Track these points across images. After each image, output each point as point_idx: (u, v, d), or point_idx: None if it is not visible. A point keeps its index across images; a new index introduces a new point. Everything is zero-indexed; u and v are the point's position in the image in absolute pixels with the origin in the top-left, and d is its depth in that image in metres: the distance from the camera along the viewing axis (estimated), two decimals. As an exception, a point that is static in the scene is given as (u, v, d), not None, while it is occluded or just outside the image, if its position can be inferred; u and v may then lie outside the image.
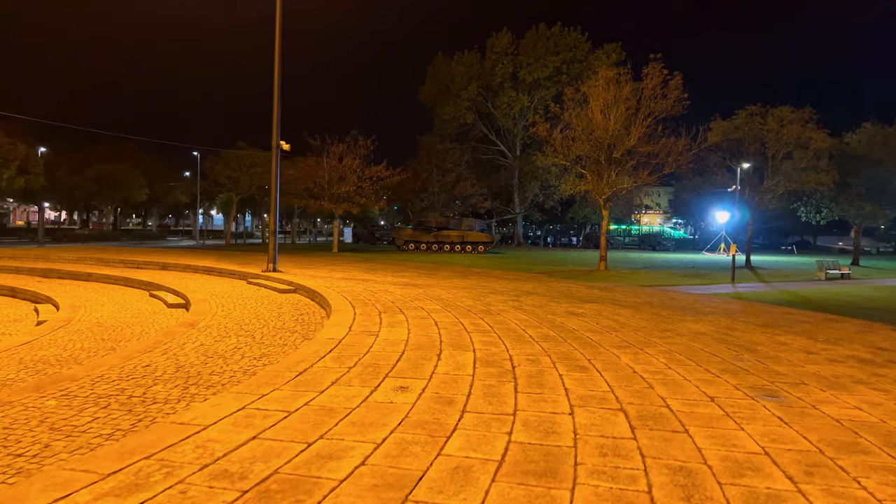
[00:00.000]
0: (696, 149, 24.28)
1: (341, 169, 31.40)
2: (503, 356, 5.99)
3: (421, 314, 8.74)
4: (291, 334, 8.13)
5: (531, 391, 4.70)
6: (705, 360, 6.20)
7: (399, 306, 9.56)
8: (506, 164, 56.95)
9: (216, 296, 12.01)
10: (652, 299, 12.63)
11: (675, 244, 62.39)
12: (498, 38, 52.82)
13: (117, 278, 15.64)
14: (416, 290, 12.27)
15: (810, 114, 27.94)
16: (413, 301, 10.36)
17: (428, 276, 16.37)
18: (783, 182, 28.34)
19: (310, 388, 4.53)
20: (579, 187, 25.48)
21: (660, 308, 10.97)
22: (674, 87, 24.00)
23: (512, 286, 14.38)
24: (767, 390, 5.05)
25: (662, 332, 7.98)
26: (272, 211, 15.88)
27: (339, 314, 8.33)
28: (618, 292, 14.01)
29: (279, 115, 15.39)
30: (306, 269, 17.59)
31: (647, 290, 15.68)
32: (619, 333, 7.75)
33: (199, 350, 6.87)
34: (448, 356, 5.88)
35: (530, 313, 9.38)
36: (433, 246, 37.93)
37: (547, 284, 15.44)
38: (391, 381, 4.84)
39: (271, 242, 15.78)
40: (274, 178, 15.56)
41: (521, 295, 12.31)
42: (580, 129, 24.74)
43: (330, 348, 6.00)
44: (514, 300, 11.23)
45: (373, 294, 11.25)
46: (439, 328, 7.54)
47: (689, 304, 12.08)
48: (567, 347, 6.61)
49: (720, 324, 9.08)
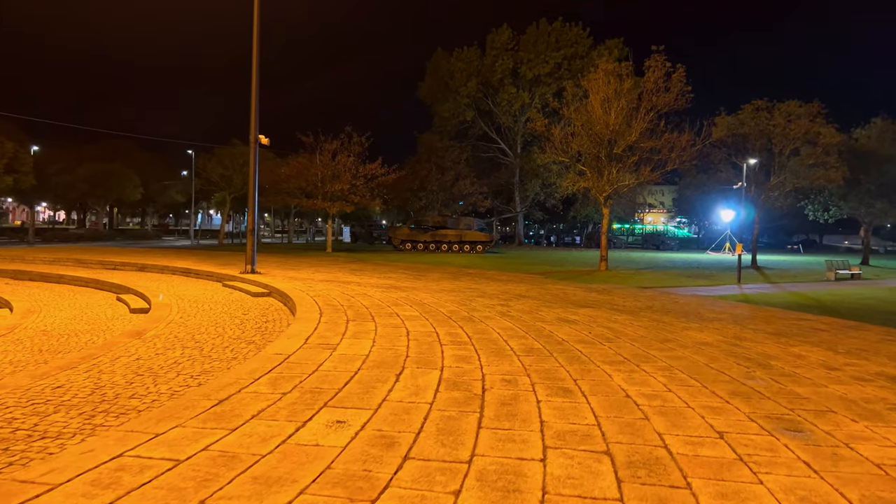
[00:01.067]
0: (700, 144, 23.33)
1: (335, 167, 30.53)
2: (475, 376, 5.11)
3: (394, 322, 7.87)
4: (246, 345, 7.27)
5: (498, 426, 3.82)
6: (712, 379, 5.32)
7: (373, 313, 8.69)
8: (506, 162, 56.00)
9: (182, 300, 11.17)
10: (653, 303, 11.74)
11: (678, 243, 61.32)
12: (498, 33, 51.88)
13: (88, 280, 14.82)
14: (398, 294, 11.40)
15: (819, 108, 26.96)
16: (390, 306, 9.50)
17: (416, 278, 15.50)
18: (790, 179, 27.34)
19: (222, 423, 3.66)
20: (579, 184, 24.56)
21: (661, 313, 10.08)
22: (677, 80, 23.05)
23: (503, 289, 13.50)
24: (788, 421, 4.16)
25: (663, 343, 7.09)
26: (250, 209, 15.03)
27: (301, 323, 7.47)
28: (616, 295, 13.12)
29: (257, 108, 14.52)
30: (289, 270, 16.74)
31: (647, 292, 14.78)
32: (614, 345, 6.87)
33: (131, 366, 6.01)
34: (409, 377, 5.00)
35: (517, 320, 8.50)
36: (430, 245, 37.04)
37: (541, 287, 14.55)
38: (328, 413, 3.97)
39: (249, 243, 14.93)
40: (252, 174, 14.71)
41: (512, 299, 11.42)
42: (580, 125, 23.83)
43: (272, 367, 5.14)
44: (502, 305, 10.35)
45: (349, 298, 10.38)
46: (409, 340, 6.67)
47: (693, 308, 11.18)
48: (552, 364, 5.73)
49: (727, 332, 8.19)
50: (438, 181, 46.67)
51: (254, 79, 14.35)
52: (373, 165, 31.79)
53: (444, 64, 53.16)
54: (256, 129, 14.57)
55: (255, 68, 14.35)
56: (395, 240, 38.18)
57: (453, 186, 47.31)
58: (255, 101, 14.50)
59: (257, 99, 14.54)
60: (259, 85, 14.44)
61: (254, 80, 14.35)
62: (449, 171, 47.20)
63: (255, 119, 14.54)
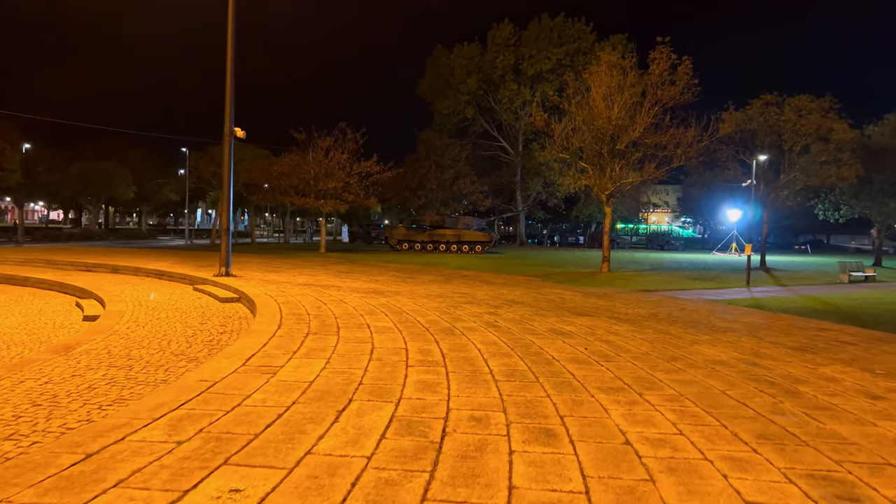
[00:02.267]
0: (706, 140, 22.24)
1: (328, 164, 29.52)
2: (437, 412, 4.11)
3: (360, 336, 6.87)
4: (186, 363, 6.28)
5: (451, 497, 2.82)
6: (731, 414, 4.31)
7: (341, 324, 7.69)
8: (508, 160, 54.92)
9: (140, 306, 10.19)
10: (658, 310, 10.71)
11: (683, 244, 60.17)
12: (499, 29, 50.79)
13: (53, 283, 13.87)
14: (378, 300, 10.40)
15: (831, 102, 25.82)
16: (364, 315, 8.50)
17: (403, 281, 14.50)
18: (801, 177, 26.22)
19: (67, 496, 2.67)
20: (580, 182, 23.50)
21: (667, 323, 9.05)
22: (683, 72, 21.97)
23: (496, 293, 12.48)
24: (839, 484, 3.15)
25: (670, 363, 6.08)
26: (223, 206, 14.04)
27: (251, 337, 6.48)
28: (618, 301, 12.09)
29: (232, 98, 13.53)
30: (269, 272, 15.76)
31: (652, 296, 13.74)
32: (613, 365, 5.86)
33: (34, 392, 5.02)
34: (353, 414, 4.00)
35: (504, 333, 7.49)
36: (428, 245, 36.00)
37: (537, 291, 13.53)
38: (224, 475, 2.97)
39: (223, 243, 13.94)
40: (226, 168, 13.74)
41: (503, 305, 10.41)
42: (580, 120, 22.76)
43: (185, 399, 4.15)
44: (490, 313, 9.34)
45: (320, 306, 9.39)
46: (371, 360, 5.68)
47: (702, 315, 10.16)
48: (536, 392, 4.73)
49: (743, 347, 7.17)
50: (438, 180, 45.66)
51: (228, 68, 13.36)
52: (367, 163, 30.77)
53: (444, 60, 52.13)
54: (231, 121, 13.59)
55: (230, 53, 13.35)
56: (391, 240, 37.16)
57: (453, 185, 46.30)
58: (229, 93, 13.51)
59: (233, 90, 13.54)
60: (234, 75, 13.45)
61: (228, 68, 13.37)
62: (448, 169, 46.18)
63: (229, 111, 13.55)
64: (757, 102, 27.06)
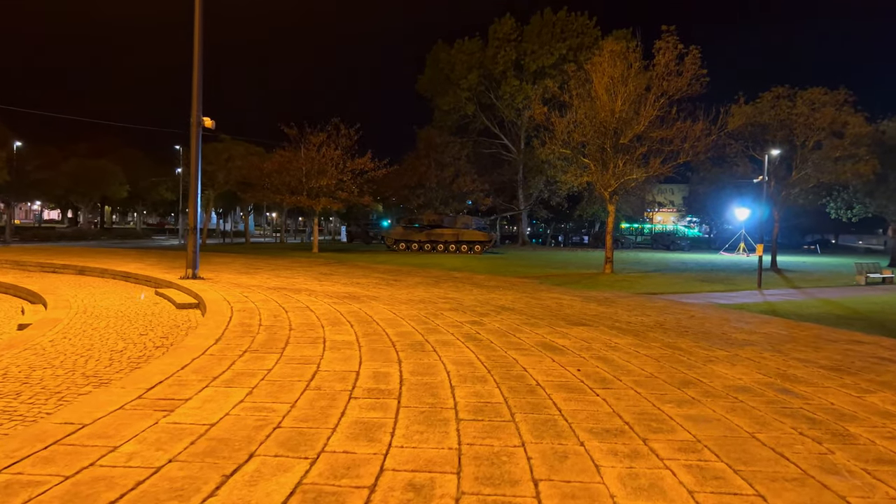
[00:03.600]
0: (715, 133, 21.06)
1: (320, 160, 28.41)
2: (364, 476, 2.98)
3: (308, 354, 5.75)
4: (96, 388, 5.17)
5: None
6: (769, 474, 3.17)
7: (293, 337, 6.58)
8: (509, 158, 53.73)
9: (85, 312, 9.10)
10: (664, 318, 9.56)
11: (689, 244, 58.84)
12: (500, 23, 49.61)
13: (8, 286, 12.83)
14: (351, 307, 9.29)
15: (846, 95, 24.58)
16: (325, 326, 7.39)
17: (387, 285, 13.37)
18: (815, 174, 24.99)
19: None
20: (581, 178, 22.34)
21: (675, 334, 7.91)
22: (690, 62, 20.79)
23: (485, 298, 11.35)
24: None
25: (681, 389, 4.94)
26: (191, 203, 12.93)
27: (176, 354, 5.37)
28: (620, 307, 10.94)
29: (200, 83, 12.39)
30: (245, 274, 14.66)
31: (657, 301, 12.59)
32: (611, 393, 4.72)
33: None
34: (243, 482, 2.88)
35: (484, 348, 6.36)
36: (426, 245, 34.84)
37: (532, 295, 12.38)
38: None
39: (190, 243, 12.80)
40: (194, 162, 12.61)
41: (490, 313, 9.28)
42: (582, 113, 21.60)
43: (19, 457, 3.03)
44: (474, 322, 8.21)
45: (280, 314, 8.28)
46: (309, 388, 4.56)
47: (715, 324, 9.00)
48: (506, 439, 3.59)
49: (768, 366, 6.02)
50: (437, 178, 44.53)
51: (196, 45, 12.20)
52: (362, 160, 29.66)
53: (445, 56, 51.02)
54: (199, 110, 12.46)
55: (198, 30, 12.20)
56: (388, 239, 36.03)
57: (453, 183, 45.16)
58: (197, 76, 12.37)
59: (200, 74, 12.40)
60: (202, 57, 12.32)
61: (196, 45, 12.20)
62: (448, 167, 45.05)
63: (197, 98, 12.41)
64: (767, 95, 25.85)
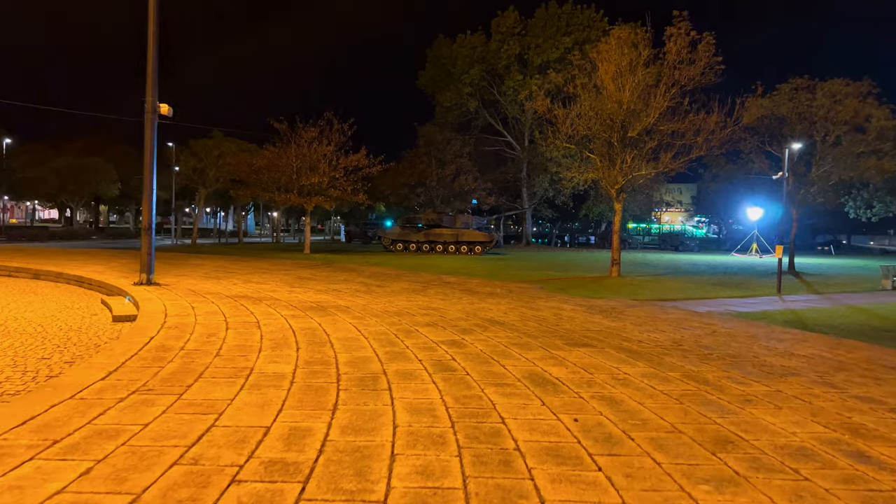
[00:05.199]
0: (731, 126, 19.53)
1: (311, 157, 27.03)
2: None
3: (216, 397, 4.34)
4: None
5: None
6: None
7: (213, 368, 5.17)
8: (513, 156, 52.24)
9: (1, 326, 7.74)
10: (682, 334, 8.11)
11: (699, 244, 57.18)
12: (503, 17, 48.11)
13: (-57, 293, 11.49)
14: (310, 322, 7.88)
15: (870, 86, 23.01)
16: (263, 351, 5.98)
17: (367, 292, 11.95)
18: (836, 170, 23.42)
19: None
20: (587, 175, 20.85)
21: (697, 358, 6.46)
22: (704, 50, 19.27)
23: (474, 309, 9.92)
24: None
25: (717, 455, 3.49)
26: (146, 199, 11.58)
27: (28, 400, 3.97)
28: (630, 319, 9.49)
29: (155, 64, 11.00)
30: (213, 279, 13.28)
31: (671, 311, 11.11)
32: (620, 464, 3.28)
33: None
34: None
35: (456, 383, 4.94)
36: (424, 246, 33.39)
37: (529, 304, 10.94)
38: None
39: (143, 245, 11.44)
40: (148, 152, 11.25)
41: (475, 329, 7.84)
42: (587, 105, 20.11)
43: None
44: (452, 343, 6.78)
45: (216, 334, 6.88)
46: (180, 464, 3.14)
47: (743, 343, 7.54)
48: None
49: (824, 410, 4.56)
50: (438, 176, 43.13)
51: (151, 15, 10.79)
52: (356, 156, 28.26)
53: (446, 51, 49.59)
54: (155, 93, 11.07)
55: (153, 15, 10.82)
56: (384, 240, 34.60)
57: (454, 182, 43.76)
58: (152, 56, 10.97)
59: (156, 52, 10.99)
60: (157, 32, 10.91)
61: (151, 15, 10.79)
62: (449, 164, 43.65)
63: (152, 79, 11.02)
64: (785, 87, 24.28)
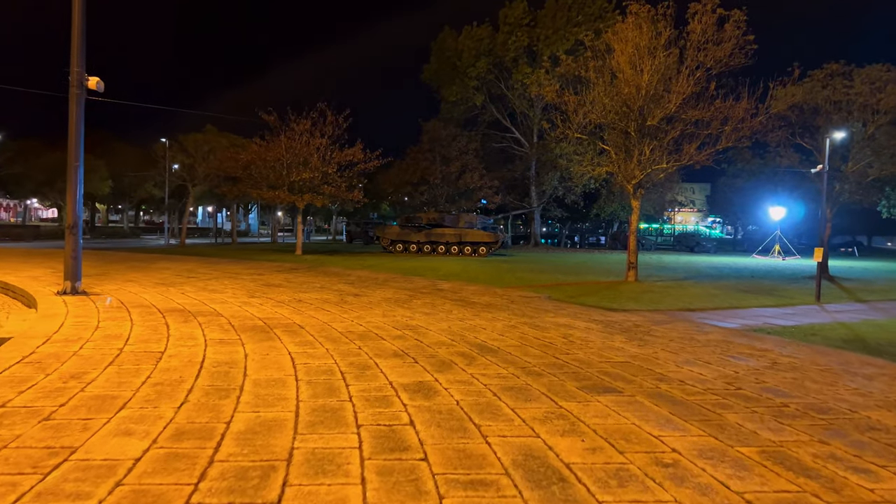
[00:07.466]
0: (763, 114, 17.43)
1: (302, 150, 25.15)
2: None
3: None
4: None
5: None
6: None
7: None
8: (521, 153, 50.16)
9: None
10: (734, 369, 6.09)
11: (715, 245, 54.83)
12: (511, 7, 46.05)
13: None
14: (234, 355, 5.94)
15: (914, 72, 20.85)
16: (125, 410, 4.04)
17: (338, 304, 9.99)
18: (877, 164, 21.24)
19: None
20: (600, 169, 18.82)
21: (770, 414, 4.44)
22: (732, 28, 17.19)
23: (463, 328, 7.93)
24: None
25: None
26: (69, 193, 9.75)
27: None
28: (660, 342, 7.47)
29: (81, 33, 9.16)
30: (158, 285, 11.38)
31: (709, 330, 9.06)
32: None
33: None
34: None
35: (398, 489, 2.96)
36: (425, 247, 31.40)
37: (533, 320, 8.93)
38: None
39: (67, 246, 9.59)
40: (72, 135, 9.41)
41: (456, 362, 5.86)
42: (601, 91, 18.08)
43: None
44: (418, 389, 4.81)
45: (80, 376, 4.96)
46: None
47: (824, 388, 5.51)
48: None
49: None
50: (442, 173, 41.16)
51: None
52: (351, 150, 26.36)
53: (452, 43, 47.62)
54: (82, 63, 9.20)
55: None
56: (383, 240, 32.63)
57: (459, 179, 41.77)
58: (78, 17, 9.10)
59: (83, 16, 9.13)
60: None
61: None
62: (454, 161, 41.66)
63: (78, 46, 9.16)
64: (819, 74, 22.09)
